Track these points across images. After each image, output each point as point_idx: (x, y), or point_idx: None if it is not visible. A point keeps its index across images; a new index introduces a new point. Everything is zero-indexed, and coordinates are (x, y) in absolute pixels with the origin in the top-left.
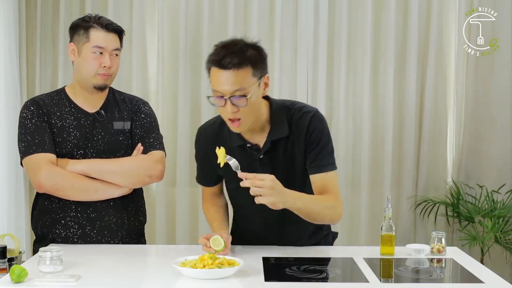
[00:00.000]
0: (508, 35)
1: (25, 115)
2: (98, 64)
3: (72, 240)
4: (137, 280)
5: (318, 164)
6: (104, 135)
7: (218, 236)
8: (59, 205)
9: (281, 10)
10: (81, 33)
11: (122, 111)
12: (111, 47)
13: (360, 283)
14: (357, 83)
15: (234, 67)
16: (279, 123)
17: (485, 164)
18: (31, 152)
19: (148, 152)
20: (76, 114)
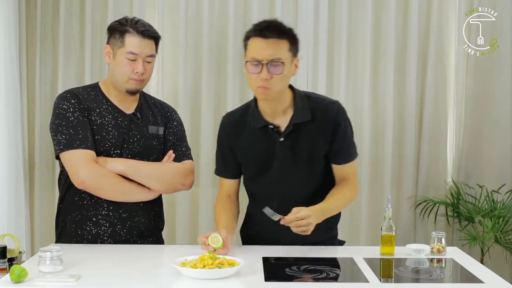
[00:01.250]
0: (508, 35)
1: (65, 107)
2: (131, 69)
3: (102, 238)
4: (137, 280)
5: (344, 155)
6: (140, 138)
7: (216, 234)
8: (91, 203)
9: (281, 10)
10: (117, 37)
11: (156, 115)
12: (145, 53)
13: (360, 283)
14: (357, 83)
15: (274, 37)
16: (301, 108)
17: (485, 164)
18: (74, 146)
19: (182, 161)
20: (114, 113)
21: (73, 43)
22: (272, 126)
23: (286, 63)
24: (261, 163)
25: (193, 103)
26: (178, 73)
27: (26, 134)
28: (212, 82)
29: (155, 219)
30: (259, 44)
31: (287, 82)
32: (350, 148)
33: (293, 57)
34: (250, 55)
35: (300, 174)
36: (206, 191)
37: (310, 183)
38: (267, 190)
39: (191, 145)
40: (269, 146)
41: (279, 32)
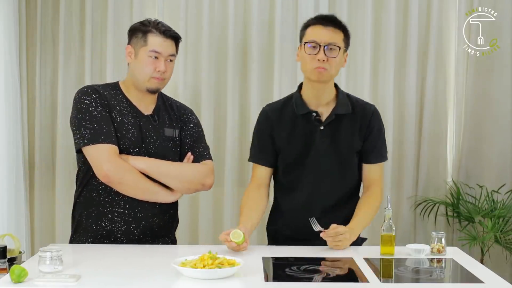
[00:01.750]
0: (508, 35)
1: (88, 102)
2: (153, 68)
3: (115, 235)
4: (137, 280)
5: (376, 155)
6: (156, 139)
7: (236, 230)
8: (108, 200)
9: (281, 10)
10: (139, 36)
11: (172, 118)
12: (167, 52)
13: (360, 283)
14: (357, 83)
15: (332, 27)
16: (343, 102)
17: (485, 164)
18: (99, 141)
19: (201, 161)
20: (133, 112)
21: (73, 43)
22: (315, 113)
23: (340, 49)
24: (299, 151)
25: (193, 103)
26: (178, 73)
27: (26, 134)
28: (212, 82)
29: (169, 220)
30: (318, 30)
31: (338, 70)
32: (381, 149)
33: (344, 49)
34: (309, 38)
35: (335, 166)
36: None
37: (344, 177)
38: (301, 179)
39: None
40: (310, 134)
41: (336, 23)
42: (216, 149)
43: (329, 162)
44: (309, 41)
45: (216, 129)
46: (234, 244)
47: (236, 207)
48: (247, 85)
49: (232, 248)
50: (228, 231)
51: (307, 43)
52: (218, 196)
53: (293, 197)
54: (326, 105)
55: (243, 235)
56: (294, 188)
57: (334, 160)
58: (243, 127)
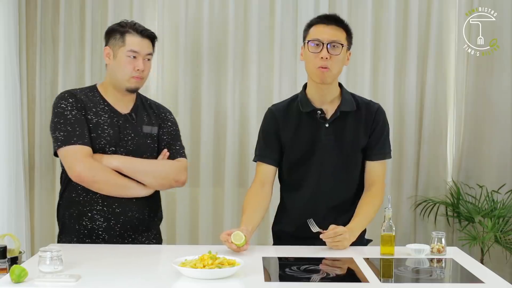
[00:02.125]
0: (508, 35)
1: (64, 106)
2: (132, 67)
3: (97, 233)
4: (137, 280)
5: (378, 151)
6: (134, 137)
7: (238, 231)
8: (86, 199)
9: (281, 10)
10: (117, 37)
11: (150, 116)
12: (144, 51)
13: (360, 283)
14: (357, 83)
15: (335, 25)
16: (348, 100)
17: (485, 164)
18: (72, 142)
19: (176, 159)
20: (110, 112)
21: (73, 43)
22: (320, 111)
23: (343, 47)
24: (305, 149)
25: (193, 103)
26: (178, 73)
27: (26, 134)
28: (212, 82)
29: (150, 215)
30: (321, 28)
31: (341, 68)
32: (384, 146)
33: (347, 47)
34: (312, 36)
35: (340, 163)
36: (206, 191)
37: (349, 174)
38: (307, 177)
39: (191, 145)
40: (315, 131)
41: (338, 21)
42: (216, 149)
43: (334, 159)
44: (312, 39)
45: (216, 129)
46: (235, 246)
47: (236, 207)
48: (247, 85)
49: (232, 249)
50: (229, 231)
51: (310, 42)
52: (218, 196)
53: (298, 195)
54: (330, 103)
55: (245, 238)
56: (299, 187)
57: (339, 157)
58: (243, 127)
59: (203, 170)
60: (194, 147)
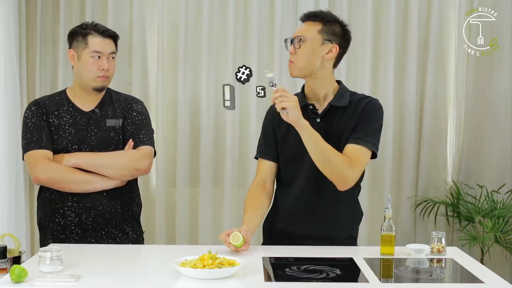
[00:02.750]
0: (508, 35)
1: (26, 115)
2: (97, 67)
3: (70, 228)
4: (137, 280)
5: (358, 136)
6: (97, 132)
7: (237, 232)
8: (58, 196)
9: (281, 10)
10: (80, 39)
11: (116, 109)
12: (108, 51)
13: (360, 283)
14: (357, 83)
15: (308, 20)
16: (341, 96)
17: (485, 164)
18: (30, 148)
19: (137, 147)
20: (73, 113)
21: None
22: (312, 106)
23: (309, 41)
24: (297, 145)
25: (193, 104)
26: (177, 74)
27: None
28: (212, 82)
29: (123, 208)
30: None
31: (312, 61)
32: (365, 134)
33: (324, 41)
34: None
35: None
36: (206, 191)
37: None
38: (298, 173)
39: (191, 145)
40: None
41: (313, 15)
42: (216, 149)
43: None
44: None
45: (216, 129)
46: (232, 246)
47: (236, 207)
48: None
49: (231, 249)
50: (229, 231)
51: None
52: (218, 196)
53: (290, 191)
54: (324, 99)
55: (243, 239)
56: (291, 183)
57: None
58: (243, 127)
59: (203, 170)
60: (194, 147)
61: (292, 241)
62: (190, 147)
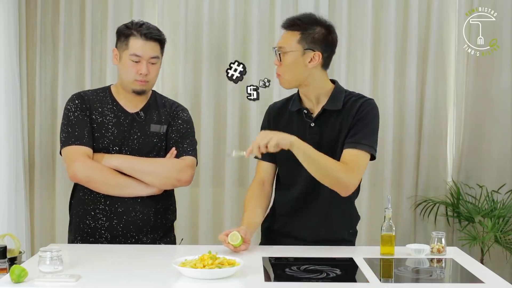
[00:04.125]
0: (508, 35)
1: (69, 108)
2: (135, 71)
3: (99, 232)
4: (137, 280)
5: (354, 140)
6: (140, 136)
7: (235, 231)
8: (91, 197)
9: (281, 10)
10: (122, 40)
11: (161, 115)
12: (148, 55)
13: (360, 283)
14: (357, 83)
15: (286, 29)
16: (335, 99)
17: (485, 164)
18: (70, 143)
19: (181, 157)
20: (117, 112)
21: (73, 43)
22: (306, 110)
23: (289, 53)
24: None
25: (193, 103)
26: (178, 73)
27: (26, 134)
28: (212, 82)
29: (156, 216)
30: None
31: (297, 72)
32: (362, 136)
33: (305, 50)
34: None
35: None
36: (206, 191)
37: None
38: (295, 176)
39: None
40: (301, 130)
41: (291, 24)
42: (216, 149)
43: None
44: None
45: (216, 129)
46: (231, 246)
47: (236, 207)
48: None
49: (230, 249)
50: (227, 231)
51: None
52: (218, 196)
53: (288, 194)
54: (318, 102)
55: (241, 238)
56: (289, 185)
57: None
58: (243, 128)
59: (203, 170)
60: None
61: (288, 243)
62: None
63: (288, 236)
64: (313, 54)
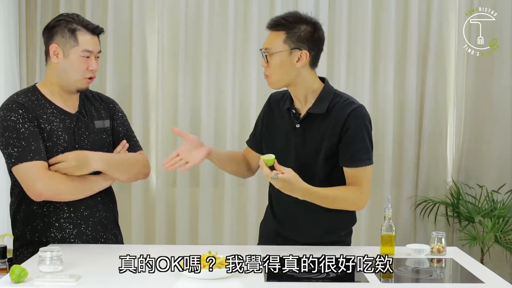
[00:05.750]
0: (508, 35)
1: (14, 119)
2: (86, 67)
3: (68, 241)
4: (137, 280)
5: (353, 159)
6: (89, 134)
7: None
8: (51, 209)
9: (281, 10)
10: (67, 35)
11: (98, 109)
12: (96, 50)
13: (360, 283)
14: (357, 83)
15: (271, 29)
16: (320, 101)
17: (485, 164)
18: (28, 159)
19: (138, 151)
20: (60, 115)
21: None
22: (294, 110)
23: (276, 54)
24: (279, 146)
25: (193, 103)
26: (178, 73)
27: None
28: (212, 82)
29: (113, 210)
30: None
31: (285, 72)
32: (358, 153)
33: (292, 50)
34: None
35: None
36: (206, 191)
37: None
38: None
39: None
40: (289, 130)
41: (276, 24)
42: None
43: (292, 161)
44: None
45: (216, 129)
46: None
47: (236, 207)
48: (247, 84)
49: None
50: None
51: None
52: (218, 196)
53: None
54: (305, 103)
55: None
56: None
57: (296, 160)
58: (243, 127)
59: (203, 170)
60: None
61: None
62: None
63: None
64: (300, 53)
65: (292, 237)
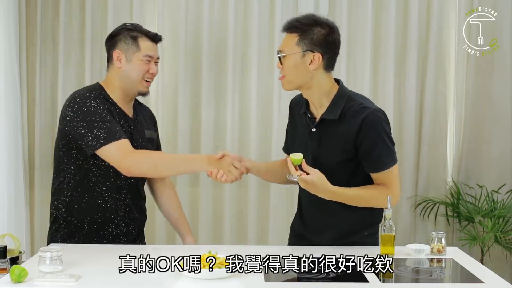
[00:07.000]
0: (508, 35)
1: (95, 104)
2: (147, 70)
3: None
4: (137, 280)
5: (377, 165)
6: (141, 142)
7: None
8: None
9: (281, 10)
10: (129, 42)
11: (146, 119)
12: (156, 55)
13: (360, 283)
14: (357, 83)
15: (285, 31)
16: (334, 106)
17: (485, 164)
18: (117, 138)
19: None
20: (123, 118)
21: (73, 43)
22: (309, 115)
23: (290, 55)
24: (300, 150)
25: (193, 104)
26: (178, 74)
27: (26, 134)
28: (212, 83)
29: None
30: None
31: (299, 74)
32: (381, 157)
33: (305, 52)
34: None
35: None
36: (206, 191)
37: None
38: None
39: (191, 145)
40: (304, 133)
41: (290, 26)
42: (216, 149)
43: (310, 165)
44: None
45: (216, 130)
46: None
47: (236, 207)
48: (247, 85)
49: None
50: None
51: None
52: (218, 196)
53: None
54: (320, 107)
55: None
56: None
57: (314, 163)
58: (243, 128)
59: None
60: (194, 147)
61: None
62: (190, 147)
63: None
64: (313, 55)
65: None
